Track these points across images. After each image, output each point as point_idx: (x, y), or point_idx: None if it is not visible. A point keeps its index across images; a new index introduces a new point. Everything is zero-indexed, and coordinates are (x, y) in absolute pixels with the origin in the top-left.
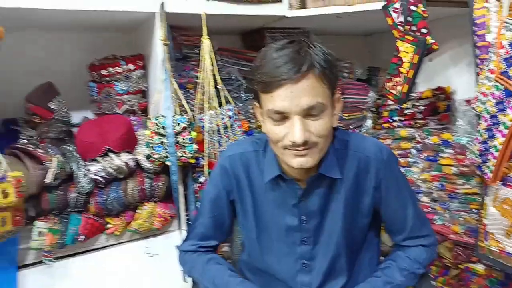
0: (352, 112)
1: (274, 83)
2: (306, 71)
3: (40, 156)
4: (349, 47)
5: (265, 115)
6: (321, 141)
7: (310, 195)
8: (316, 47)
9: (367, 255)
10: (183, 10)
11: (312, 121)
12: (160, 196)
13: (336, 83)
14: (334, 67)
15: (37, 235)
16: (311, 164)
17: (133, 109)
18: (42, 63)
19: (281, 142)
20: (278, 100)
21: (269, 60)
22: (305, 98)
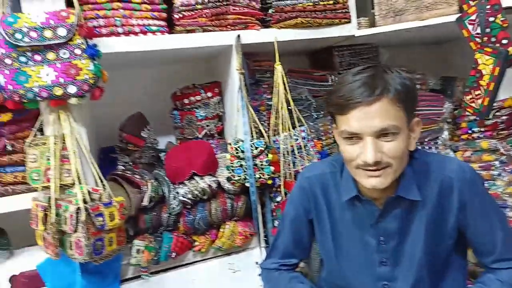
0: (427, 124)
1: (348, 105)
2: (379, 94)
3: (137, 182)
4: (419, 57)
5: (340, 135)
6: (394, 163)
7: (388, 216)
8: (392, 72)
9: (452, 277)
10: (256, 40)
11: (385, 142)
12: (240, 215)
13: (414, 107)
14: (411, 91)
15: (136, 253)
16: (384, 185)
17: (211, 132)
18: (132, 95)
19: (354, 162)
20: (352, 121)
21: (345, 84)
22: (378, 120)
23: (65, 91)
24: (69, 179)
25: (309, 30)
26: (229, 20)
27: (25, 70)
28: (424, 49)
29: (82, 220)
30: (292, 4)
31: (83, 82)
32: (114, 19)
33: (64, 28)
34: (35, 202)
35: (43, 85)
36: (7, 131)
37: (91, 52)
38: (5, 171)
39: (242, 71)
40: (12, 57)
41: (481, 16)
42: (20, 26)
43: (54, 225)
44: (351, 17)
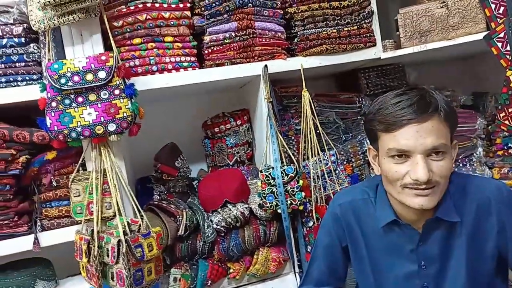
0: (460, 141)
1: (399, 122)
2: (432, 112)
3: (173, 211)
4: (447, 74)
5: (384, 154)
6: (442, 182)
7: (429, 240)
8: (437, 93)
9: None
10: (283, 68)
11: (434, 161)
12: (273, 241)
13: (455, 129)
14: (454, 112)
15: (173, 281)
16: (432, 205)
17: (241, 159)
18: (165, 126)
19: (400, 181)
20: (402, 139)
21: (392, 103)
22: (430, 138)
23: (106, 129)
24: (110, 212)
25: (334, 55)
26: (256, 52)
27: (69, 111)
28: (452, 65)
29: (123, 252)
30: (317, 32)
31: (122, 120)
32: (148, 58)
33: (104, 71)
34: (79, 235)
35: (85, 124)
36: (53, 167)
37: (129, 91)
38: (51, 205)
39: (271, 100)
40: (57, 100)
41: (510, 33)
42: (64, 71)
43: (97, 257)
44: (376, 41)
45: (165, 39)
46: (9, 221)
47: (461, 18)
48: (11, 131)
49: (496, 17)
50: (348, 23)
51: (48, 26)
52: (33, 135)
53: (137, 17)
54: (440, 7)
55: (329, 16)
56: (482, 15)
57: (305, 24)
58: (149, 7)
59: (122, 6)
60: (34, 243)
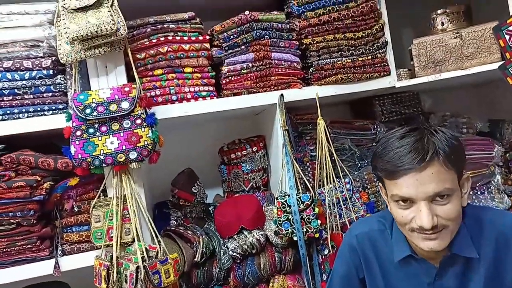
0: (476, 168)
1: (398, 172)
2: (430, 160)
3: (190, 237)
4: (463, 100)
5: (390, 199)
6: (451, 224)
7: (446, 274)
8: (438, 133)
9: None
10: (299, 97)
11: (440, 205)
12: (289, 269)
13: (463, 165)
14: (459, 150)
15: None
16: (442, 247)
17: (257, 185)
18: (182, 152)
19: (408, 225)
20: (403, 188)
21: (392, 149)
22: (431, 185)
23: (127, 157)
24: (129, 237)
25: (349, 85)
26: (272, 81)
27: (93, 140)
28: (467, 92)
29: (141, 279)
30: (332, 62)
31: (143, 148)
32: (169, 88)
33: (127, 102)
34: (99, 261)
35: (108, 152)
36: (75, 193)
37: (150, 121)
38: (72, 230)
39: (286, 128)
40: (82, 129)
41: None
42: (89, 102)
43: (116, 283)
44: (391, 70)
45: (185, 69)
46: (32, 245)
47: (475, 48)
48: (36, 158)
49: (511, 47)
50: (362, 53)
51: (75, 59)
52: (57, 162)
53: (159, 49)
54: (454, 38)
55: (344, 46)
56: (496, 46)
57: (320, 54)
58: (170, 40)
59: (145, 40)
60: (55, 267)
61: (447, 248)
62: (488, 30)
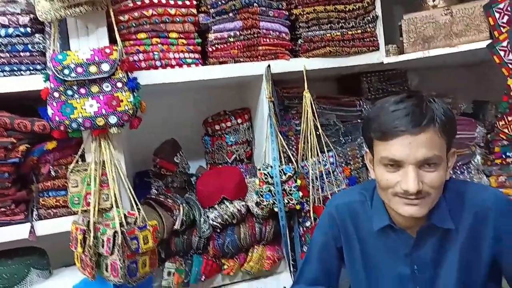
0: (458, 148)
1: (392, 133)
2: (426, 125)
3: (170, 206)
4: (450, 81)
5: (377, 161)
6: (433, 192)
7: (422, 245)
8: (436, 102)
9: None
10: (286, 69)
11: (426, 172)
12: (269, 240)
13: (453, 138)
14: (453, 122)
15: (167, 275)
16: (421, 214)
17: (240, 157)
18: (166, 122)
19: (391, 189)
20: (395, 149)
21: (388, 111)
22: (423, 150)
23: (107, 121)
24: (107, 203)
25: (337, 58)
26: (259, 51)
27: (71, 102)
28: (455, 72)
29: (118, 243)
30: (321, 34)
31: (123, 113)
32: (152, 53)
33: (108, 64)
34: (75, 225)
35: (86, 116)
36: (52, 158)
37: (131, 85)
38: (48, 195)
39: (272, 99)
40: (60, 91)
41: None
42: (68, 62)
43: (92, 247)
44: (379, 45)
45: (170, 35)
46: (6, 208)
47: (464, 26)
48: (12, 120)
49: (500, 26)
50: (352, 27)
51: (55, 17)
52: (34, 125)
53: (143, 12)
54: (445, 14)
55: (334, 19)
56: (485, 24)
57: (309, 26)
58: (155, 2)
59: (128, 1)
60: (30, 232)
61: (425, 219)
62: (479, 8)
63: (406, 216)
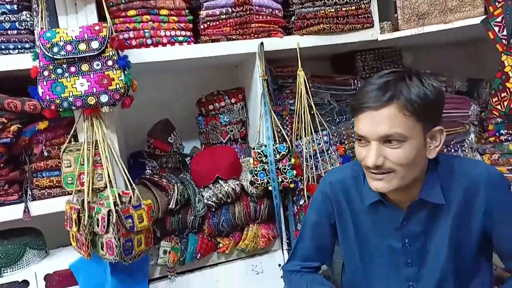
0: (452, 127)
1: (359, 109)
2: (388, 101)
3: (164, 185)
4: (445, 59)
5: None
6: (399, 169)
7: (413, 219)
8: (412, 80)
9: (477, 279)
10: (279, 47)
11: (389, 148)
12: (263, 218)
13: (433, 117)
14: (429, 100)
15: (163, 253)
16: (387, 189)
17: (235, 137)
18: (159, 102)
19: (363, 163)
20: (360, 125)
21: (364, 87)
22: (383, 126)
23: (98, 100)
24: (101, 183)
25: (331, 35)
26: (252, 29)
27: (61, 81)
28: (450, 51)
29: (113, 222)
30: (314, 11)
31: (114, 92)
32: (143, 31)
33: (97, 41)
34: (69, 205)
35: (77, 95)
36: (44, 138)
37: (122, 63)
38: (42, 175)
39: (265, 78)
40: (50, 69)
41: (507, 17)
42: (57, 40)
43: (87, 226)
44: (374, 22)
45: (161, 12)
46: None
47: (459, 2)
48: (2, 100)
49: (495, 1)
50: (346, 3)
51: None
52: (25, 104)
53: None
54: None
55: None
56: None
57: (303, 2)
58: None
59: None
60: (24, 211)
61: (416, 193)
62: None
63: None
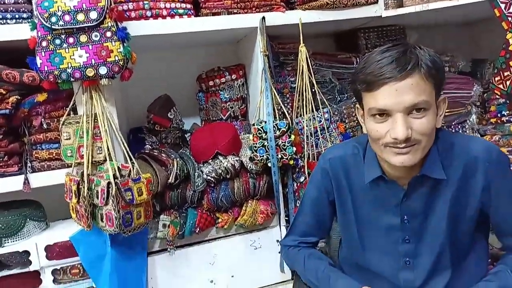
0: (455, 107)
1: (378, 82)
2: (411, 69)
3: (164, 160)
4: (449, 38)
5: (367, 114)
6: (423, 139)
7: (413, 196)
8: (422, 49)
9: (473, 256)
10: (281, 22)
11: (415, 119)
12: (262, 195)
13: (442, 85)
14: (440, 68)
15: (162, 227)
16: (413, 162)
17: (235, 114)
18: (160, 78)
19: (382, 140)
20: (381, 98)
21: (374, 61)
22: (409, 96)
23: (97, 72)
24: (100, 156)
25: (334, 11)
26: (254, 2)
27: (60, 52)
28: (454, 30)
29: (112, 194)
30: None
31: (113, 64)
32: (142, 2)
33: (96, 12)
34: (69, 177)
35: (76, 66)
36: (43, 110)
37: (121, 34)
38: (41, 148)
39: (267, 53)
40: (48, 40)
41: None
42: (55, 9)
43: (86, 198)
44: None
45: None
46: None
47: None
48: (0, 70)
49: None
50: None
51: None
52: (23, 75)
53: None
54: None
55: None
56: None
57: None
58: None
59: None
60: (24, 183)
61: (417, 169)
62: None
63: (398, 167)
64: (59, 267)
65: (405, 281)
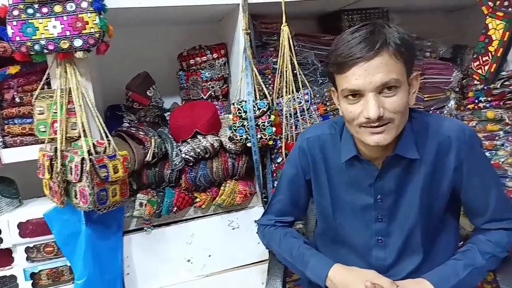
0: (433, 92)
1: (348, 63)
2: (379, 48)
3: (141, 138)
4: (431, 24)
5: (340, 95)
6: (396, 118)
7: (386, 175)
8: (391, 27)
9: (444, 237)
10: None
11: (386, 97)
12: (241, 175)
13: (413, 62)
14: (410, 45)
15: (139, 206)
16: (388, 141)
17: (216, 94)
18: (140, 55)
19: (356, 120)
20: (353, 79)
21: (344, 42)
22: (379, 74)
23: (71, 44)
24: (75, 132)
25: None
26: None
27: (33, 22)
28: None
29: (86, 170)
30: None
31: (89, 36)
32: None
33: None
34: (42, 152)
35: (50, 37)
36: (16, 83)
37: (97, 5)
38: (14, 122)
39: (248, 31)
40: (20, 9)
41: None
42: None
43: (60, 174)
44: None
45: None
46: None
47: None
48: None
49: None
50: None
51: None
52: None
53: None
54: None
55: None
56: None
57: None
58: None
59: None
60: None
61: (391, 149)
62: None
63: (373, 148)
64: (32, 245)
65: (377, 259)
